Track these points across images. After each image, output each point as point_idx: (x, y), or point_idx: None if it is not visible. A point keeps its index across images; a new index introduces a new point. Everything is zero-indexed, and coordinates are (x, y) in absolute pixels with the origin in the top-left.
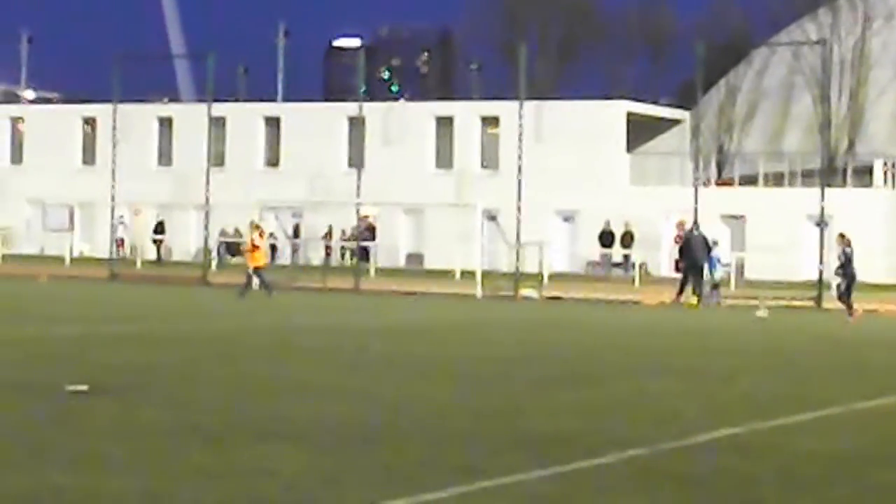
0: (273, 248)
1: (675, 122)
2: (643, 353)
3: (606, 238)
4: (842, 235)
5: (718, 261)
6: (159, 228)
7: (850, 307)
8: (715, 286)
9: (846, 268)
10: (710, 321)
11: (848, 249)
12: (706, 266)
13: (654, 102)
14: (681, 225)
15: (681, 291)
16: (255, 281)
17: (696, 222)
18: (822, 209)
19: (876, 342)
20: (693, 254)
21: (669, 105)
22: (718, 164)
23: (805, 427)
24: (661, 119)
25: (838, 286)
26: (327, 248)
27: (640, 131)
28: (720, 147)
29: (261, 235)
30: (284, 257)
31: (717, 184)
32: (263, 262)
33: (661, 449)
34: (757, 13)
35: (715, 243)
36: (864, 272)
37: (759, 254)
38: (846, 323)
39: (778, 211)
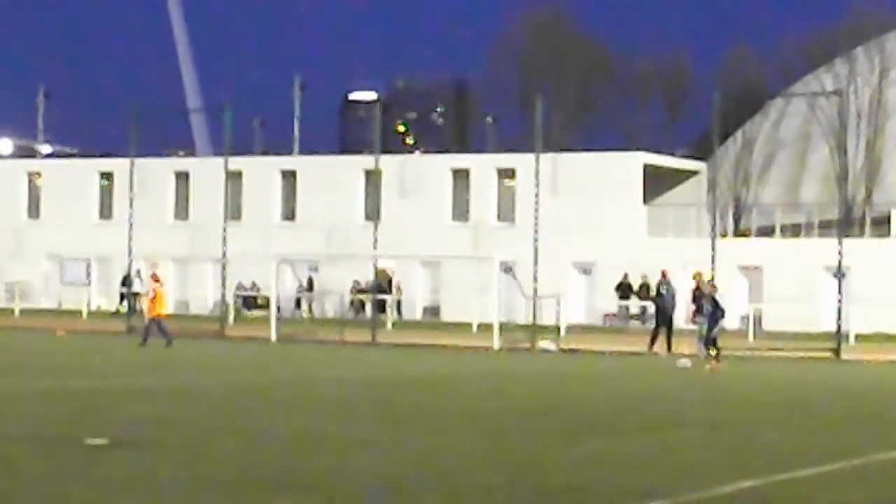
0: (298, 301)
1: (692, 173)
2: (662, 405)
3: (624, 290)
4: (709, 280)
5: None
6: (126, 281)
7: (717, 354)
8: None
9: (715, 312)
10: (723, 373)
11: (714, 293)
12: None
13: (671, 154)
14: (698, 276)
15: (652, 343)
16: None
17: (663, 274)
18: (840, 260)
19: (893, 393)
20: (663, 305)
21: (686, 156)
22: (735, 216)
23: (827, 479)
24: (678, 170)
25: (705, 328)
26: (352, 300)
27: (656, 183)
28: (737, 198)
29: (161, 285)
30: (296, 310)
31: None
32: (162, 311)
33: (681, 501)
34: (772, 64)
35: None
36: (883, 322)
37: (776, 305)
38: (712, 371)
39: (795, 262)
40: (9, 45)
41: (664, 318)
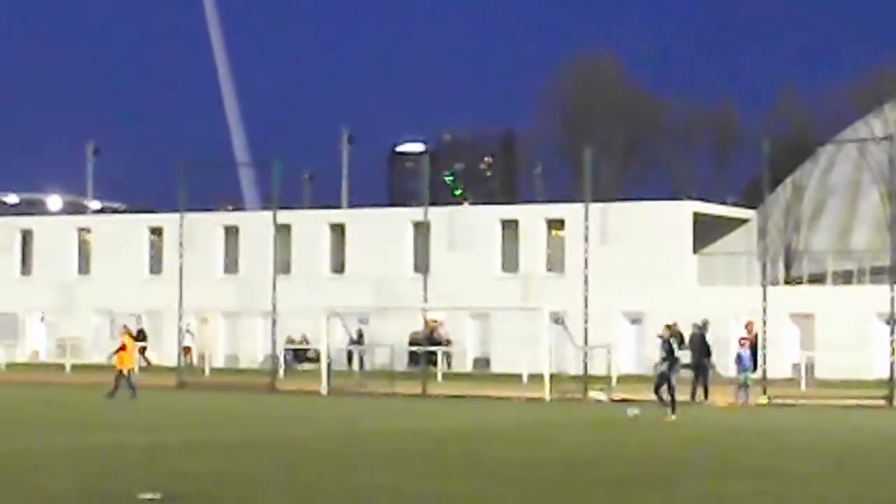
0: (348, 354)
1: (742, 221)
2: (713, 454)
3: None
4: (668, 326)
5: (739, 359)
6: (141, 336)
7: (672, 403)
8: (743, 385)
9: (670, 358)
10: (778, 421)
11: (673, 340)
12: (738, 366)
13: (720, 202)
14: (749, 326)
15: (693, 393)
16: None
17: (703, 321)
18: (893, 307)
19: None
20: (694, 352)
21: (736, 204)
22: (786, 263)
23: None
24: (728, 218)
25: (663, 377)
26: (411, 353)
27: (706, 231)
28: (787, 246)
29: (131, 337)
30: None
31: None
32: (130, 365)
33: None
34: (822, 110)
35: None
36: None
37: (828, 353)
38: (671, 422)
39: (847, 309)
40: (58, 101)
41: (695, 366)
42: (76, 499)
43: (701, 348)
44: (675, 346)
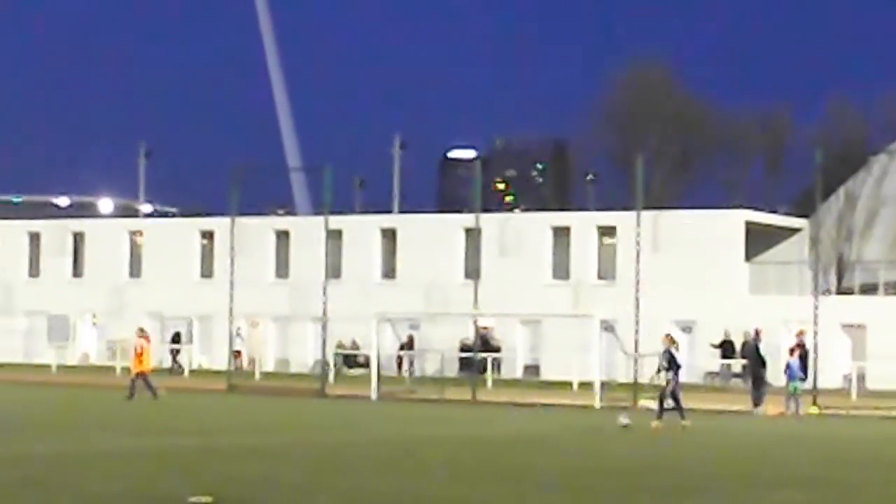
0: (398, 360)
1: (794, 230)
2: (763, 463)
3: (726, 348)
4: (668, 336)
5: (788, 369)
6: (176, 338)
7: (662, 412)
8: (793, 395)
9: (671, 368)
10: (829, 431)
11: (672, 349)
12: (788, 375)
13: (772, 211)
14: (800, 335)
15: (755, 402)
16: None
17: (755, 331)
18: None
19: None
20: (748, 362)
21: (788, 213)
22: (838, 273)
23: None
24: (780, 227)
25: (669, 386)
26: (461, 359)
27: (758, 240)
28: (840, 255)
29: (147, 341)
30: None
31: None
32: (147, 367)
33: None
34: (875, 119)
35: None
36: None
37: (880, 363)
38: (683, 428)
39: None
40: (111, 105)
41: (752, 375)
42: (126, 502)
43: (756, 358)
44: (675, 355)
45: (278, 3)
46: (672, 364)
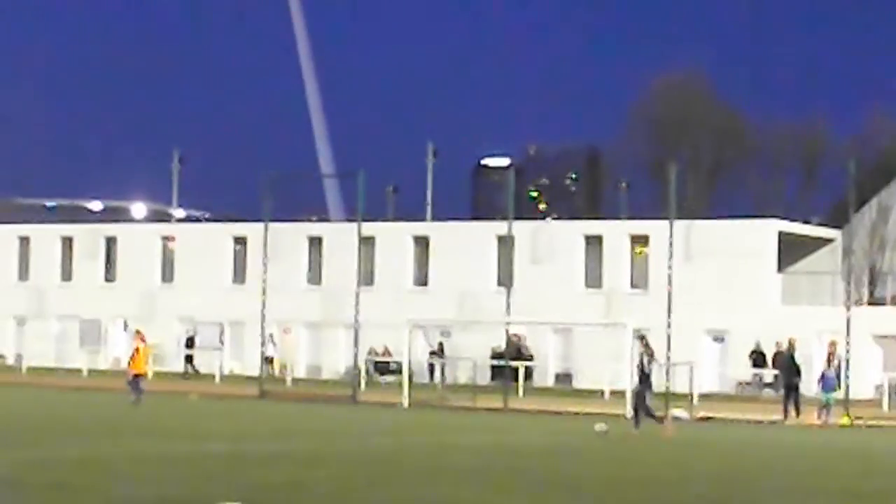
0: (430, 367)
1: (827, 241)
2: (796, 475)
3: (758, 358)
4: (641, 338)
5: (823, 379)
6: (190, 343)
7: (637, 417)
8: (826, 405)
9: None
10: (862, 442)
11: (647, 358)
12: (819, 386)
13: (806, 221)
14: (832, 346)
15: (785, 412)
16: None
17: (789, 341)
18: None
19: None
20: (782, 372)
21: (821, 224)
22: (870, 284)
23: None
24: (813, 238)
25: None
26: (493, 367)
27: (791, 250)
28: (872, 266)
29: (143, 342)
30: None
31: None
32: (143, 369)
33: None
34: None
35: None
36: None
37: None
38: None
39: None
40: (145, 111)
41: (786, 386)
42: None
43: (790, 367)
44: (647, 364)
45: (312, 10)
46: (641, 374)
